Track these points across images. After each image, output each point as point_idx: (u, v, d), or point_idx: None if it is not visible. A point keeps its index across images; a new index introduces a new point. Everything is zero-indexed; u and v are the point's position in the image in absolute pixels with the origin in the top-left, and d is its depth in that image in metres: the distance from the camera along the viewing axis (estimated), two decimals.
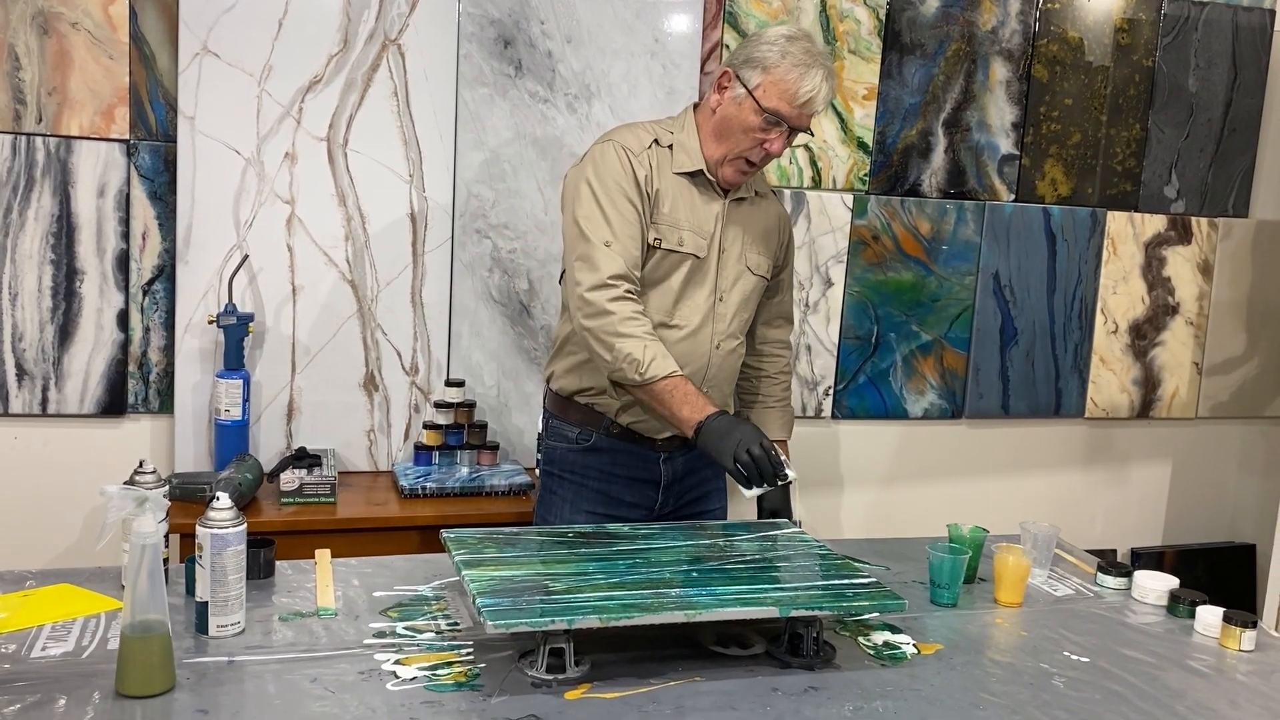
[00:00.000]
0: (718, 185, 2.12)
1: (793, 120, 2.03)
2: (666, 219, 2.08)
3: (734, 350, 2.18)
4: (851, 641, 1.75)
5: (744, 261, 2.16)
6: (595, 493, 2.18)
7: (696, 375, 2.10)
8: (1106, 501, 3.55)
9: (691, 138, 2.12)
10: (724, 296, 2.14)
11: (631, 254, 2.02)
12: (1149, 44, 3.32)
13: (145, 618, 1.42)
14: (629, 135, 2.11)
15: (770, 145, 2.05)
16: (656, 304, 2.08)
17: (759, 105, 2.02)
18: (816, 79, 2.01)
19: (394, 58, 2.68)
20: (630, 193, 2.04)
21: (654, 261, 2.08)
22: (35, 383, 2.60)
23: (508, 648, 1.62)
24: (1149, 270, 3.45)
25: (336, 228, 2.70)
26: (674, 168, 2.10)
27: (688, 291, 2.10)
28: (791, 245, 2.32)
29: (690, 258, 2.09)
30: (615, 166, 2.04)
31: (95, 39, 2.53)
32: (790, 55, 2.01)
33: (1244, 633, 1.82)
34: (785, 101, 2.01)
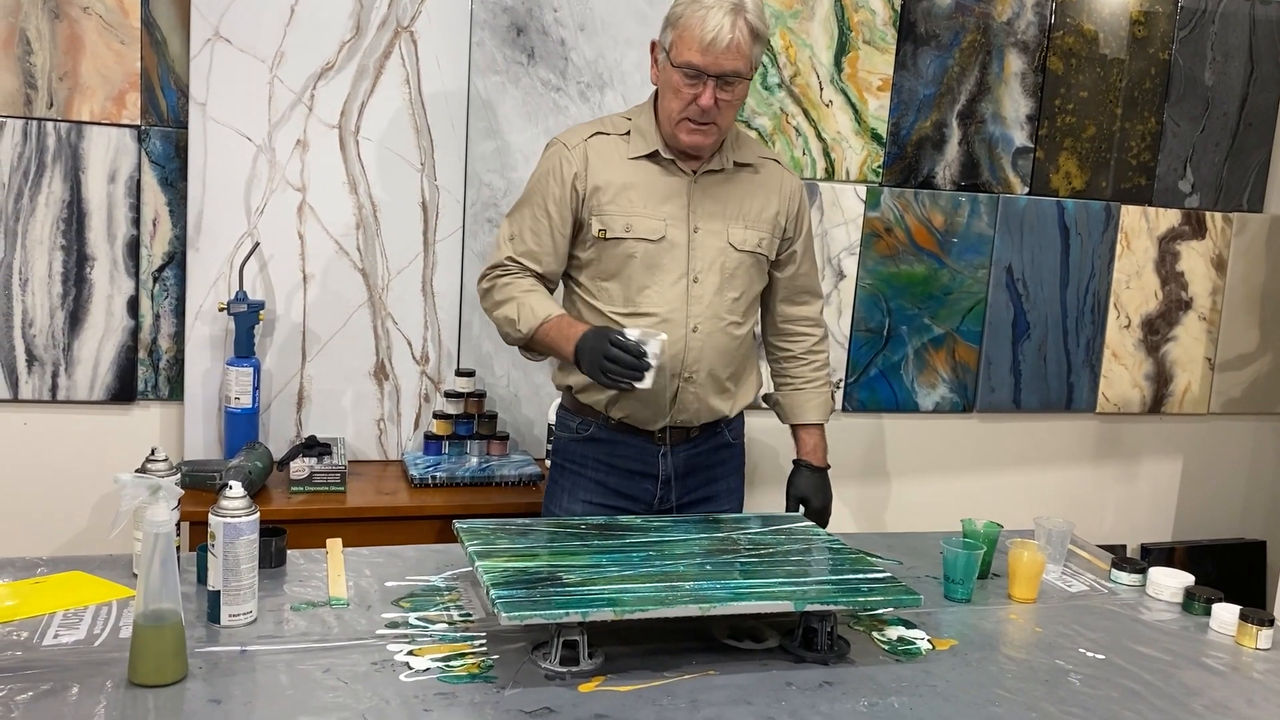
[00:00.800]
0: (681, 162, 2.07)
1: (708, 68, 1.94)
2: (610, 208, 2.05)
3: (722, 331, 2.09)
4: (865, 637, 1.74)
5: (725, 238, 2.09)
6: (593, 483, 2.16)
7: (675, 362, 2.06)
8: (1117, 497, 3.54)
9: (649, 120, 2.09)
10: (699, 277, 2.07)
11: (529, 247, 2.08)
12: (1165, 37, 3.30)
13: (158, 607, 1.42)
14: (571, 132, 2.13)
15: (700, 99, 1.96)
16: (620, 294, 2.06)
17: (673, 63, 1.97)
18: (718, 16, 1.92)
19: (406, 45, 2.67)
20: (548, 191, 2.06)
21: (605, 251, 2.06)
22: (45, 369, 2.59)
23: (521, 639, 1.61)
24: (1162, 265, 3.43)
25: (348, 216, 2.69)
26: (630, 153, 2.07)
27: (653, 276, 2.05)
28: (803, 217, 2.22)
29: (644, 242, 2.04)
30: (544, 165, 2.10)
31: (107, 24, 2.52)
32: (693, 4, 1.95)
33: (1260, 631, 1.81)
34: (694, 50, 1.94)
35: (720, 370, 2.12)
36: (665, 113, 2.03)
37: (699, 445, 2.18)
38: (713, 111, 1.98)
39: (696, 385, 2.10)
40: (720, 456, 2.22)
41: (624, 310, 2.06)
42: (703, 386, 2.10)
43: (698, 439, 2.17)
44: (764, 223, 2.13)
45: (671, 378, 2.07)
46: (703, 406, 2.12)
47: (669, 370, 2.06)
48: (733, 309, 2.11)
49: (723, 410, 2.16)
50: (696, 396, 2.11)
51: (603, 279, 2.08)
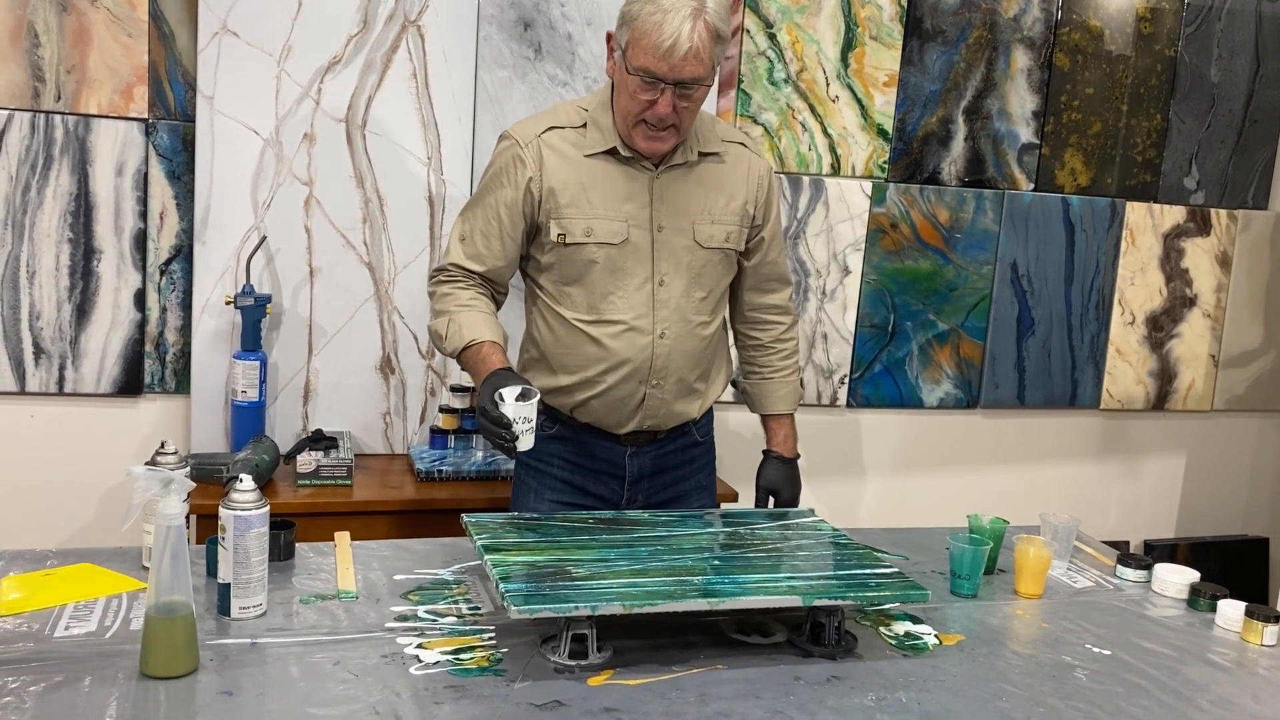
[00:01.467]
0: (642, 158, 1.96)
1: (666, 75, 1.82)
2: (568, 210, 1.95)
3: (690, 334, 2.02)
4: (873, 632, 1.74)
5: (691, 236, 2.00)
6: (560, 482, 2.10)
7: (641, 369, 2.00)
8: (1120, 493, 3.55)
9: (605, 114, 1.97)
10: (665, 280, 1.99)
11: (478, 249, 2.01)
12: (1171, 34, 3.30)
13: (170, 599, 1.42)
14: (524, 125, 2.01)
15: (657, 107, 1.85)
16: (583, 300, 1.99)
17: (628, 68, 1.85)
18: (676, 21, 1.79)
19: (413, 39, 2.67)
20: (500, 193, 1.98)
21: (566, 257, 1.98)
22: (52, 362, 2.60)
23: (530, 633, 1.62)
24: (1167, 262, 3.43)
25: (354, 209, 2.69)
26: (586, 149, 1.96)
27: (617, 281, 1.97)
28: (773, 199, 2.11)
29: (606, 247, 1.95)
30: (496, 163, 2.01)
31: (114, 17, 2.52)
32: (650, 4, 1.81)
33: (1266, 627, 1.81)
34: (650, 56, 1.81)
35: (688, 374, 2.07)
36: (621, 112, 1.93)
37: (666, 445, 2.13)
38: (670, 117, 1.87)
39: (664, 391, 2.05)
40: (689, 455, 2.18)
41: (588, 317, 2.00)
42: (669, 392, 2.05)
43: (665, 439, 2.12)
44: (731, 215, 2.05)
45: (639, 384, 2.02)
46: (669, 411, 2.08)
47: (636, 377, 2.01)
48: (700, 309, 2.05)
49: (690, 413, 2.12)
50: (664, 402, 2.06)
51: (565, 284, 2.00)
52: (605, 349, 2.00)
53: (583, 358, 2.01)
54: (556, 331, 2.04)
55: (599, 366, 2.01)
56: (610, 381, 2.02)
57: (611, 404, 2.03)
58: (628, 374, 2.01)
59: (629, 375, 2.02)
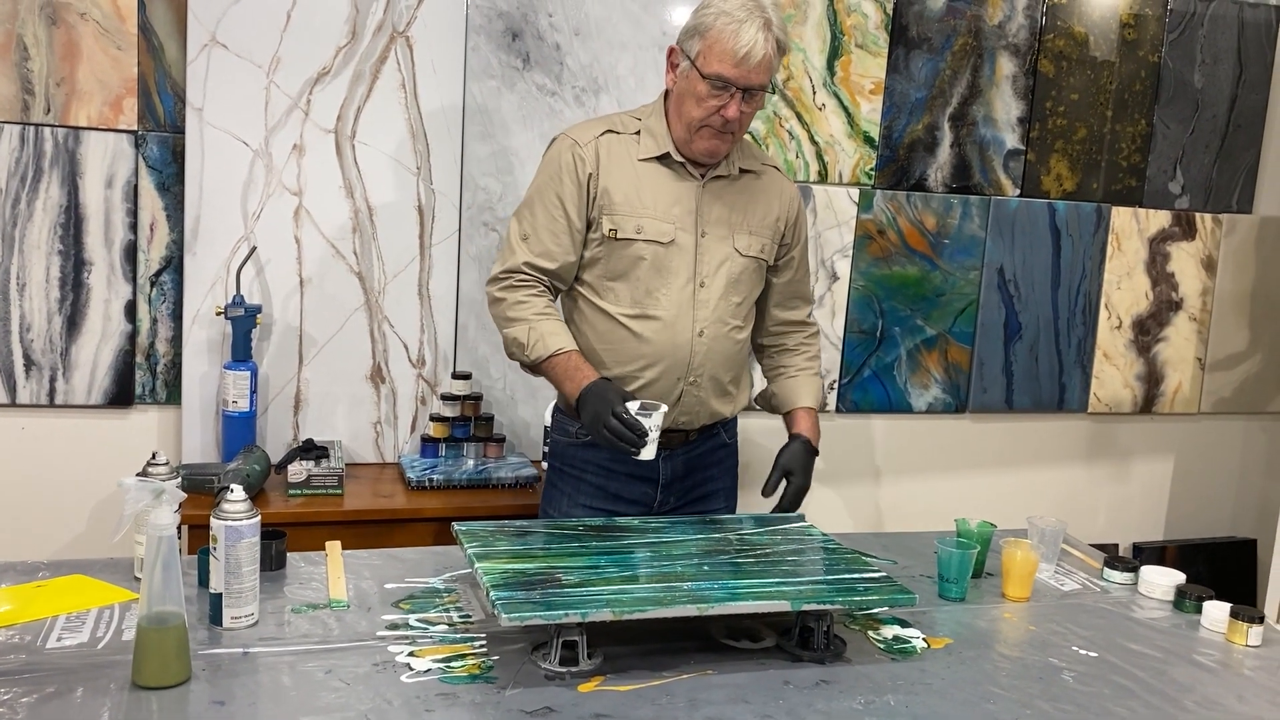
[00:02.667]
0: (690, 167, 2.08)
1: (738, 80, 1.96)
2: (621, 208, 2.05)
3: (726, 336, 2.12)
4: (861, 635, 1.76)
5: (731, 243, 2.11)
6: (594, 488, 2.16)
7: (679, 366, 2.07)
8: (1109, 496, 3.57)
9: (659, 122, 2.09)
10: (705, 282, 2.09)
11: (547, 247, 2.06)
12: (1155, 40, 3.33)
13: (161, 609, 1.43)
14: (581, 128, 2.12)
15: (725, 111, 1.98)
16: (627, 295, 2.07)
17: (701, 73, 1.97)
18: (751, 31, 1.94)
19: (402, 50, 2.68)
20: (563, 188, 2.05)
21: (615, 252, 2.06)
22: (43, 373, 2.60)
23: (520, 640, 1.63)
24: (1153, 266, 3.46)
25: (344, 219, 2.70)
26: (640, 154, 2.07)
27: (661, 279, 2.06)
28: (802, 223, 2.25)
29: (654, 245, 2.05)
30: (555, 162, 2.08)
31: (104, 29, 2.53)
32: (724, 15, 1.95)
33: (1250, 628, 1.83)
34: (725, 63, 1.95)
35: (723, 374, 2.14)
36: (684, 119, 2.03)
37: (697, 447, 2.19)
38: (734, 122, 2.00)
39: (700, 389, 2.12)
40: (717, 457, 2.24)
41: (631, 312, 2.07)
42: (706, 390, 2.12)
43: (696, 440, 2.19)
44: (766, 228, 2.16)
45: (677, 380, 2.09)
46: (704, 409, 2.14)
47: (675, 372, 2.08)
48: (736, 313, 2.14)
49: (723, 412, 2.18)
50: (699, 399, 2.12)
51: (610, 279, 2.08)
52: (646, 343, 2.07)
53: (624, 353, 2.07)
54: (598, 327, 2.09)
55: (640, 361, 2.07)
56: (650, 376, 2.08)
57: (651, 398, 2.07)
58: (666, 368, 2.08)
59: (668, 370, 2.08)
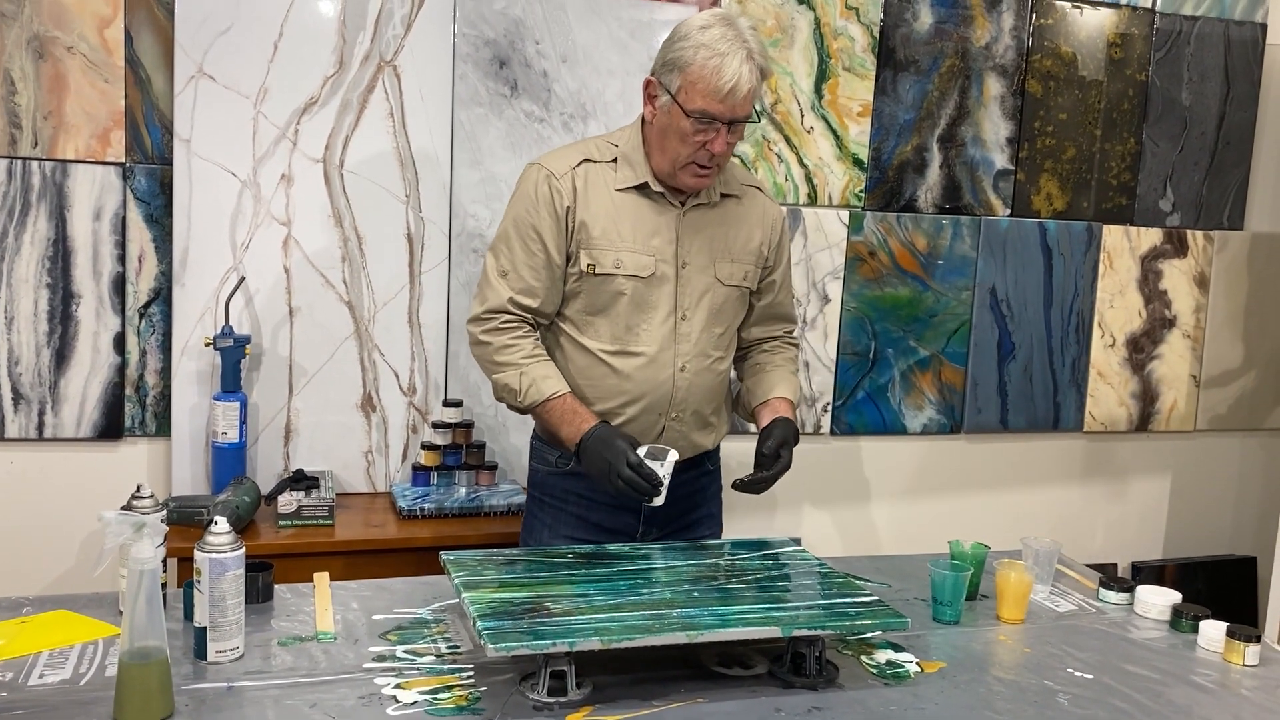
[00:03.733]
0: (670, 195, 2.02)
1: (723, 115, 1.90)
2: (600, 241, 1.99)
3: (707, 369, 2.08)
4: (854, 660, 1.74)
5: (712, 273, 2.06)
6: (575, 518, 2.12)
7: (661, 402, 2.04)
8: (1106, 515, 3.55)
9: (637, 150, 2.03)
10: (687, 315, 2.04)
11: (528, 283, 2.01)
12: (1142, 58, 3.34)
13: (144, 644, 1.41)
14: (556, 157, 2.05)
15: (712, 146, 1.92)
16: (608, 331, 2.02)
17: (685, 110, 1.91)
18: (734, 64, 1.87)
19: (389, 79, 2.68)
20: (540, 222, 1.99)
21: (594, 287, 2.01)
22: (31, 407, 2.59)
23: (508, 670, 1.61)
24: (1145, 284, 3.45)
25: (333, 249, 2.70)
26: (617, 183, 2.01)
27: (642, 314, 2.02)
28: (784, 244, 2.19)
29: (634, 279, 2.00)
30: (531, 193, 2.01)
31: (91, 63, 2.53)
32: (704, 48, 1.88)
33: (1248, 648, 1.81)
34: (710, 99, 1.89)
35: (704, 407, 2.11)
36: (669, 154, 1.97)
37: (680, 476, 2.11)
38: (720, 155, 1.95)
39: (682, 423, 2.09)
40: (700, 485, 2.21)
41: (611, 348, 2.03)
42: (687, 424, 2.09)
43: (679, 471, 2.11)
44: (749, 254, 2.11)
45: (658, 416, 2.06)
46: (687, 443, 2.10)
47: (656, 409, 2.05)
48: (718, 344, 2.11)
49: (705, 444, 2.16)
50: (681, 434, 2.09)
51: (590, 314, 2.04)
52: (627, 379, 2.03)
53: (605, 389, 2.04)
54: (578, 363, 2.06)
55: (621, 398, 2.04)
56: (630, 414, 2.04)
57: (633, 435, 2.03)
58: (647, 406, 2.05)
59: (649, 407, 2.05)
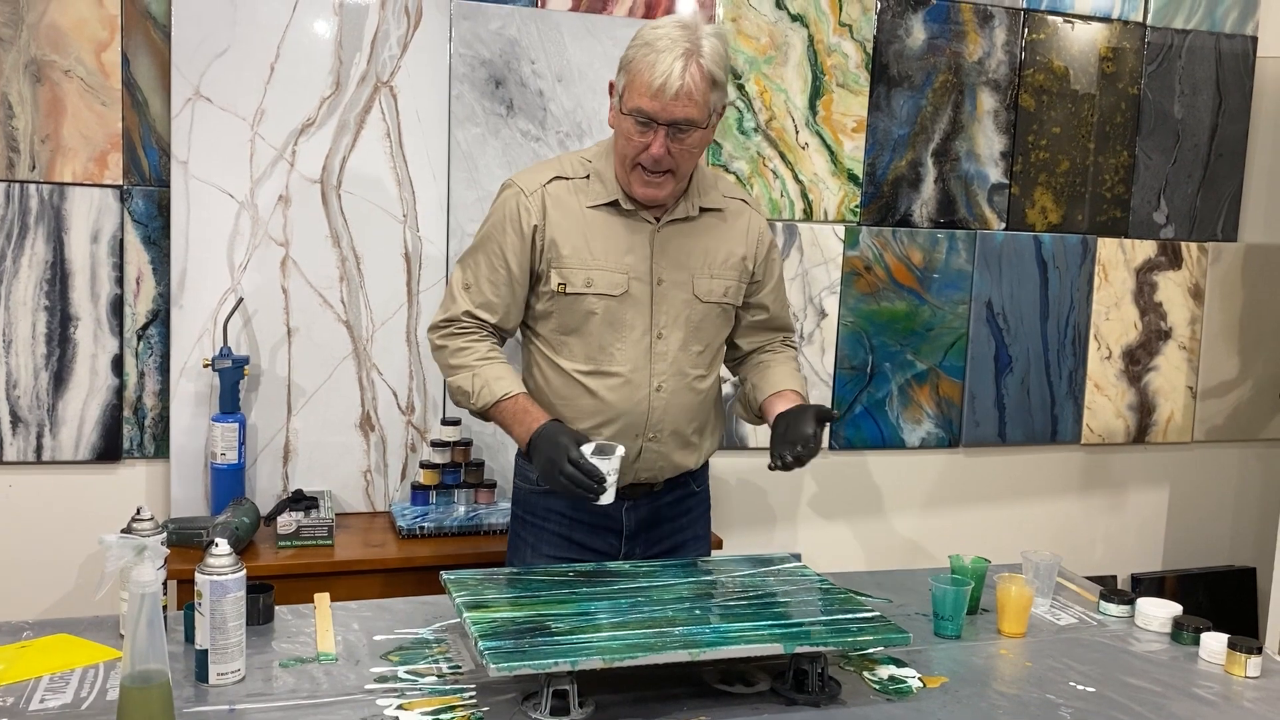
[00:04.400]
0: (644, 211, 1.99)
1: (658, 114, 1.85)
2: (570, 260, 1.96)
3: (686, 388, 2.03)
4: (856, 676, 1.74)
5: (690, 290, 2.01)
6: (557, 536, 2.08)
7: (637, 423, 2.00)
8: (1105, 527, 3.55)
9: (608, 166, 1.99)
10: (663, 333, 2.00)
11: (488, 298, 2.00)
12: (1134, 72, 3.36)
13: (145, 668, 1.41)
14: (528, 174, 2.03)
15: (651, 149, 1.88)
16: (581, 351, 2.00)
17: (623, 109, 1.90)
18: (667, 61, 1.83)
19: (386, 99, 2.70)
20: (505, 240, 1.98)
21: (565, 306, 1.98)
22: (30, 430, 2.59)
23: (511, 690, 1.61)
24: (1141, 296, 3.47)
25: (331, 269, 2.70)
26: (589, 200, 1.99)
27: (615, 334, 1.98)
28: (772, 259, 2.14)
29: (606, 298, 1.96)
30: (501, 210, 2.00)
31: (88, 86, 2.54)
32: (645, 46, 1.86)
33: (1249, 659, 1.81)
34: (643, 96, 1.85)
35: (684, 427, 2.07)
36: (619, 156, 1.95)
37: (663, 497, 2.12)
38: (666, 160, 1.89)
39: (660, 443, 2.04)
40: (686, 506, 2.17)
41: (586, 368, 2.00)
42: (666, 444, 2.05)
43: (662, 491, 2.11)
44: (730, 269, 2.07)
45: (635, 437, 2.02)
46: (667, 463, 2.07)
47: (632, 430, 2.01)
48: (697, 363, 2.06)
49: (687, 464, 2.11)
50: (660, 454, 2.05)
51: (563, 333, 2.01)
52: (602, 401, 2.00)
53: (578, 410, 2.01)
54: (553, 383, 2.03)
55: (596, 419, 2.01)
56: (607, 434, 2.00)
57: None
58: (624, 427, 2.01)
59: (625, 428, 2.01)
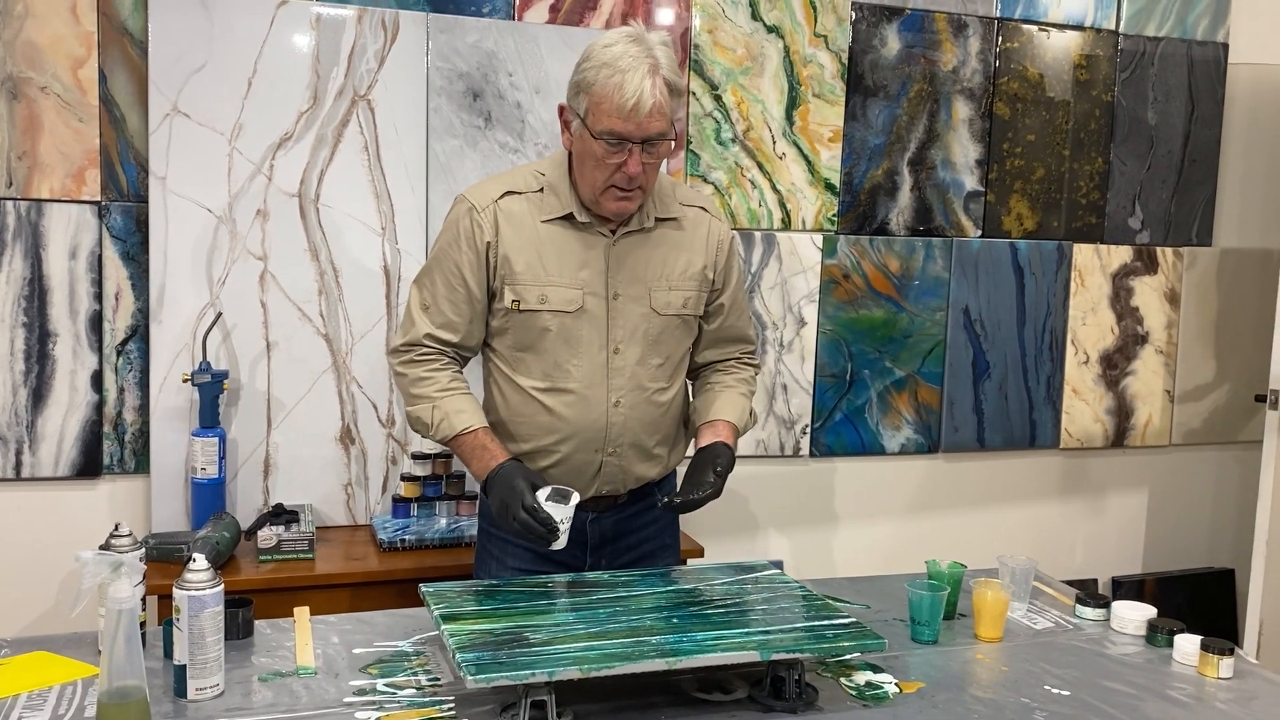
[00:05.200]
0: (599, 224, 1.97)
1: (632, 134, 1.84)
2: (524, 276, 1.95)
3: (646, 401, 2.02)
4: (834, 682, 1.75)
5: (648, 303, 2.00)
6: (522, 549, 2.04)
7: (595, 439, 1.99)
8: (1085, 531, 3.58)
9: (563, 179, 1.98)
10: (620, 348, 1.99)
11: (448, 318, 1.99)
12: (1107, 79, 3.39)
13: (122, 684, 1.41)
14: (480, 189, 2.01)
15: (627, 167, 1.86)
16: (538, 367, 1.99)
17: (592, 133, 1.87)
18: (636, 79, 1.82)
19: (364, 113, 2.70)
20: (461, 258, 1.97)
21: (520, 323, 1.97)
22: (9, 446, 2.58)
23: (489, 701, 1.62)
24: (1117, 301, 3.50)
25: (309, 282, 2.71)
26: (543, 214, 1.97)
27: (571, 350, 1.97)
28: (732, 265, 2.12)
29: (560, 315, 1.95)
30: (454, 227, 1.99)
31: (65, 102, 2.54)
32: (605, 67, 1.84)
33: (1222, 660, 1.83)
34: (615, 118, 1.84)
35: (646, 440, 2.05)
36: (588, 182, 1.92)
37: (627, 509, 2.11)
38: (640, 177, 1.89)
39: (621, 457, 2.04)
40: (652, 516, 2.15)
41: (542, 384, 1.99)
42: (627, 458, 2.04)
43: (625, 504, 2.11)
44: (689, 280, 2.05)
45: (595, 452, 2.01)
46: (628, 476, 2.06)
47: (591, 445, 2.01)
48: (656, 376, 2.04)
49: (649, 475, 2.10)
50: (621, 468, 2.04)
51: (519, 350, 2.00)
52: (558, 418, 2.00)
53: (537, 426, 2.01)
54: (510, 400, 2.03)
55: (553, 436, 2.01)
56: (565, 451, 2.01)
57: (569, 471, 2.02)
58: (582, 443, 2.01)
59: (584, 444, 2.01)
